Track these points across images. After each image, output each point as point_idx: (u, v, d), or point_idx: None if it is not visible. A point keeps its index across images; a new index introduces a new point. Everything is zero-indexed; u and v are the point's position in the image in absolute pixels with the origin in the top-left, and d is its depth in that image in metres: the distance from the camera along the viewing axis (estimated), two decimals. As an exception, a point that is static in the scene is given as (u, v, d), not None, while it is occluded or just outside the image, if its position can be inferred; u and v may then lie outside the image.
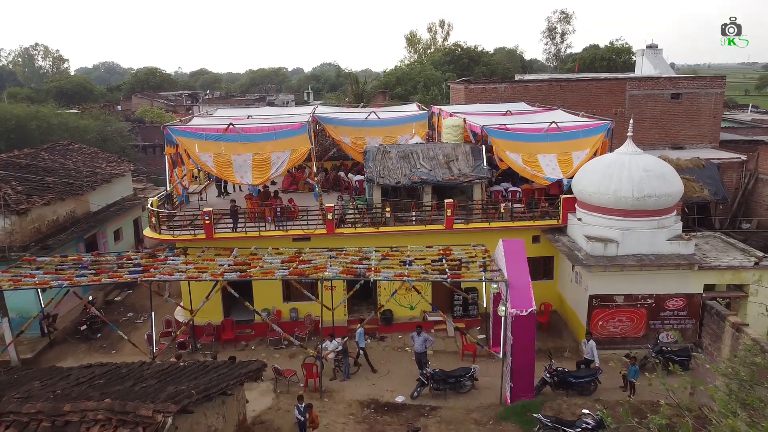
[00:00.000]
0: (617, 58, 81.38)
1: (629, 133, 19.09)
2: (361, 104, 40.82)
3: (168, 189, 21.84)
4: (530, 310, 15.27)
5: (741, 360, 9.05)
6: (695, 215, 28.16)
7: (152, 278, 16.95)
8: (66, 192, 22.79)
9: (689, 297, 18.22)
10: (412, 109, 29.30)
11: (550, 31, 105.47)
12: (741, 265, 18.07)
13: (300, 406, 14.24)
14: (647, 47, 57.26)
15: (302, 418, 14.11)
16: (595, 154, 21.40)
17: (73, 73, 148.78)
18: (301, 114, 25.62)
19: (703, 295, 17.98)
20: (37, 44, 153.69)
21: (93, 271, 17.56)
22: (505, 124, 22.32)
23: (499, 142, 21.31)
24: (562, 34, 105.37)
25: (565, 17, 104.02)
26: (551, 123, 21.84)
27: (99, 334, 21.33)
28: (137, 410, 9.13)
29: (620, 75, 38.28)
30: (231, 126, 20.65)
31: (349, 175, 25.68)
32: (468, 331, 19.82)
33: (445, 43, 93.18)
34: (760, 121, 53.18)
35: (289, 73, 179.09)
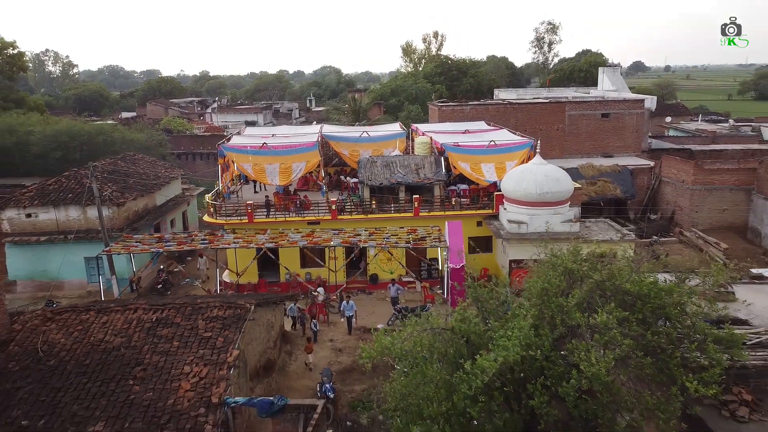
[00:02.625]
0: (594, 70, 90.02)
1: (538, 150, 27.74)
2: (357, 123, 49.38)
3: (219, 188, 30.53)
4: (461, 264, 23.84)
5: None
6: (613, 208, 36.98)
7: (217, 246, 25.67)
8: (144, 190, 31.51)
9: (576, 261, 26.80)
10: (395, 128, 38.03)
11: (539, 41, 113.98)
12: (611, 239, 26.68)
13: (314, 321, 23.02)
14: (608, 66, 66.50)
15: (315, 330, 22.89)
16: (523, 163, 30.05)
17: (77, 76, 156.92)
18: (312, 133, 34.37)
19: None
20: (47, 50, 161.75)
21: (175, 243, 26.27)
22: (458, 142, 30.99)
23: (453, 155, 29.99)
24: (550, 44, 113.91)
25: (552, 28, 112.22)
26: (491, 141, 30.51)
27: (169, 292, 29.99)
28: (236, 300, 17.81)
29: (562, 98, 46.65)
30: (264, 144, 29.37)
31: (347, 177, 34.37)
32: (431, 288, 28.49)
33: (439, 52, 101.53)
34: (702, 131, 61.91)
35: (290, 76, 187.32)
